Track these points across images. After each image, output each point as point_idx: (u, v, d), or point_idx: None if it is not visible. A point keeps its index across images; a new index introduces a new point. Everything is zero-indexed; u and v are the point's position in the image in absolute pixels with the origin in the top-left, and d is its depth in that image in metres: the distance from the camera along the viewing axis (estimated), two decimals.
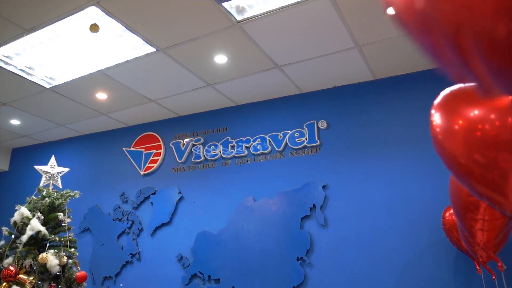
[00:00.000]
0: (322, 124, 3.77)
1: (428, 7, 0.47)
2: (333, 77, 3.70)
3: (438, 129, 1.13)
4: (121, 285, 4.24)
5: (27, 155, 5.62)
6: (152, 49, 3.26)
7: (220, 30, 3.01)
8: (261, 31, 3.02)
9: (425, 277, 3.05)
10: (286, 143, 3.89)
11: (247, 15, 2.85)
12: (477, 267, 2.55)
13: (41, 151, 5.48)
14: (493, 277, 2.20)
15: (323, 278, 3.39)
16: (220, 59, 3.40)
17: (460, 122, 1.08)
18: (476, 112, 1.04)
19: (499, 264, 1.87)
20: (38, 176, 5.22)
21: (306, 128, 3.82)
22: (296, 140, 3.84)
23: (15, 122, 4.76)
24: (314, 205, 3.58)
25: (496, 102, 1.00)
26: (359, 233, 3.38)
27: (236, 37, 3.09)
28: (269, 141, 3.97)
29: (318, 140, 3.75)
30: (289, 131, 3.89)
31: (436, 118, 1.14)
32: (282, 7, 2.76)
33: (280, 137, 3.92)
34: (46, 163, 3.46)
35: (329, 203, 3.56)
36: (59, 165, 3.45)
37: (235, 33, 3.03)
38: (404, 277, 3.12)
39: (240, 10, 2.82)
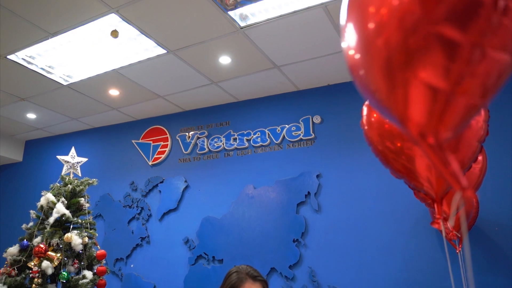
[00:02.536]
0: (317, 119, 4.10)
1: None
2: (327, 76, 4.01)
3: (364, 121, 1.46)
4: (131, 266, 4.60)
5: (40, 147, 5.94)
6: (163, 51, 3.59)
7: (225, 34, 3.34)
8: (262, 35, 3.35)
9: (407, 255, 3.35)
10: (284, 136, 4.20)
11: (249, 22, 3.19)
12: (456, 248, 2.89)
13: (53, 143, 5.80)
14: (457, 251, 2.55)
15: (317, 257, 3.70)
16: (224, 60, 3.73)
17: (374, 115, 1.40)
18: None
19: (446, 223, 2.20)
20: (50, 167, 5.59)
21: (302, 123, 4.15)
22: (293, 133, 4.16)
23: (31, 116, 5.08)
24: (309, 192, 3.89)
25: None
26: (349, 217, 3.67)
27: (239, 41, 3.42)
28: (268, 134, 4.29)
29: (313, 134, 4.07)
30: (286, 125, 4.21)
31: (363, 112, 1.47)
32: (281, 15, 3.09)
33: (278, 130, 4.24)
34: (57, 155, 3.78)
35: (323, 190, 3.87)
36: None
37: (239, 37, 3.37)
38: (388, 256, 3.43)
39: (244, 17, 3.16)
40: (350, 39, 0.81)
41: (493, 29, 0.66)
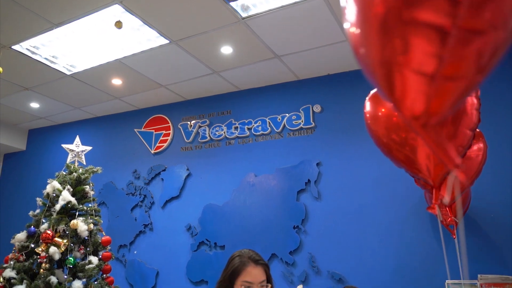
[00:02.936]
0: (317, 108, 4.15)
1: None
2: (327, 66, 4.05)
3: (368, 115, 1.52)
4: (135, 252, 4.69)
5: (43, 136, 6.00)
6: (166, 41, 3.63)
7: (227, 25, 3.38)
8: (263, 26, 3.39)
9: (404, 242, 3.43)
10: (284, 125, 4.25)
11: (251, 12, 3.22)
12: (452, 234, 2.95)
13: (56, 132, 5.86)
14: (453, 236, 2.63)
15: (316, 243, 3.77)
16: (226, 50, 3.77)
17: (383, 110, 1.47)
18: None
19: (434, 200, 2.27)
20: (52, 155, 5.66)
21: (302, 112, 4.20)
22: (293, 122, 4.21)
23: (34, 105, 5.13)
24: (309, 180, 3.95)
25: None
26: (348, 204, 3.74)
27: (241, 31, 3.46)
28: (269, 123, 4.33)
29: (313, 122, 4.12)
30: (287, 114, 4.26)
31: (367, 107, 1.53)
32: (282, 6, 3.13)
33: (279, 119, 4.30)
34: (60, 143, 3.84)
35: (322, 178, 3.93)
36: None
37: (240, 28, 3.41)
38: (386, 242, 3.49)
39: (245, 8, 3.20)
40: (350, 14, 0.80)
41: (479, 10, 0.64)
